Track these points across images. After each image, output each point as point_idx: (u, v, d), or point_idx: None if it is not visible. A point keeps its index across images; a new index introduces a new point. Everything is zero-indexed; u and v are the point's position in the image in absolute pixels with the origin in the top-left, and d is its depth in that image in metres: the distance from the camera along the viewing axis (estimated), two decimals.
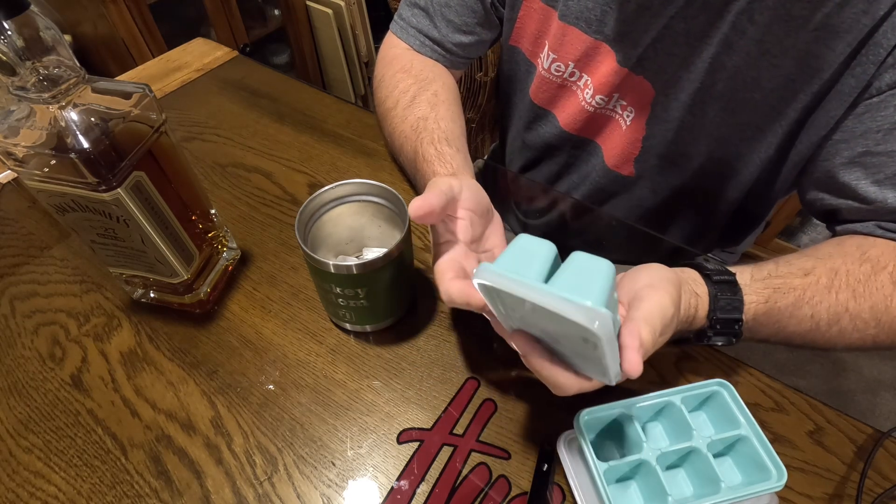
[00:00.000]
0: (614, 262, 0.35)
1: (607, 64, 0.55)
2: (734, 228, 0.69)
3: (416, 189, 0.55)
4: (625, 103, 0.57)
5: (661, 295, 0.33)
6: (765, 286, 0.40)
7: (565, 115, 0.62)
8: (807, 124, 0.48)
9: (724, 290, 0.39)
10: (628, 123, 0.58)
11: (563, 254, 0.38)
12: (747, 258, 0.80)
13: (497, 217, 0.43)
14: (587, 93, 0.58)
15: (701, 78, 0.50)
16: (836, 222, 0.48)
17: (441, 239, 0.38)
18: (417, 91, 0.56)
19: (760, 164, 0.53)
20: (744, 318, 0.39)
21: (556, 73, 0.60)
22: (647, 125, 0.56)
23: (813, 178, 0.49)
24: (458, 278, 0.35)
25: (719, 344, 0.39)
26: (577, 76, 0.59)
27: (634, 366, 0.29)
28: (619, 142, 0.60)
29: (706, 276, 0.40)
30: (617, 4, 0.51)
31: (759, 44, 0.45)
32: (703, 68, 0.49)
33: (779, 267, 0.42)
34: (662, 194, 0.63)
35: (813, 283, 0.40)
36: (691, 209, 0.63)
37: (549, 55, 0.59)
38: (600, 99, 0.58)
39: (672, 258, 0.75)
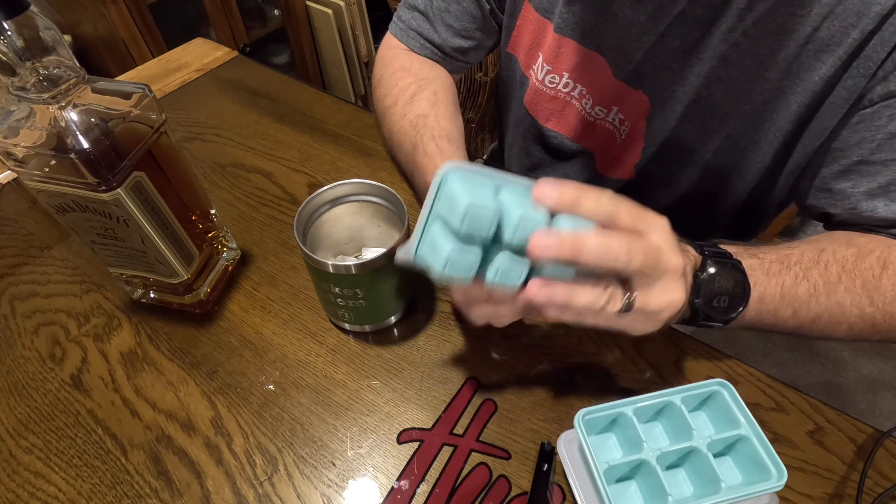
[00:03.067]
0: None
1: (603, 75, 0.55)
2: (732, 235, 0.69)
3: (413, 186, 0.55)
4: (622, 117, 0.57)
5: None
6: (743, 248, 0.41)
7: (563, 125, 0.63)
8: (802, 135, 0.48)
9: (696, 241, 0.40)
10: (623, 137, 0.58)
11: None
12: None
13: None
14: (585, 103, 0.59)
15: (696, 90, 0.50)
16: (831, 225, 0.49)
17: None
18: (417, 89, 0.56)
19: (757, 172, 0.54)
20: (730, 252, 0.39)
21: (550, 86, 0.60)
22: (645, 137, 0.56)
23: (809, 185, 0.49)
24: None
25: (724, 274, 0.37)
26: (570, 87, 0.59)
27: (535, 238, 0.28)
28: (613, 152, 0.60)
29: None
30: (609, 17, 0.51)
31: (756, 56, 0.45)
32: (699, 82, 0.49)
33: (757, 246, 0.42)
34: (658, 204, 0.63)
35: (798, 254, 0.41)
36: (686, 217, 0.64)
37: (543, 66, 0.59)
38: (599, 110, 0.58)
39: None
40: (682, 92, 0.51)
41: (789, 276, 0.40)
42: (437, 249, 0.30)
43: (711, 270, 0.37)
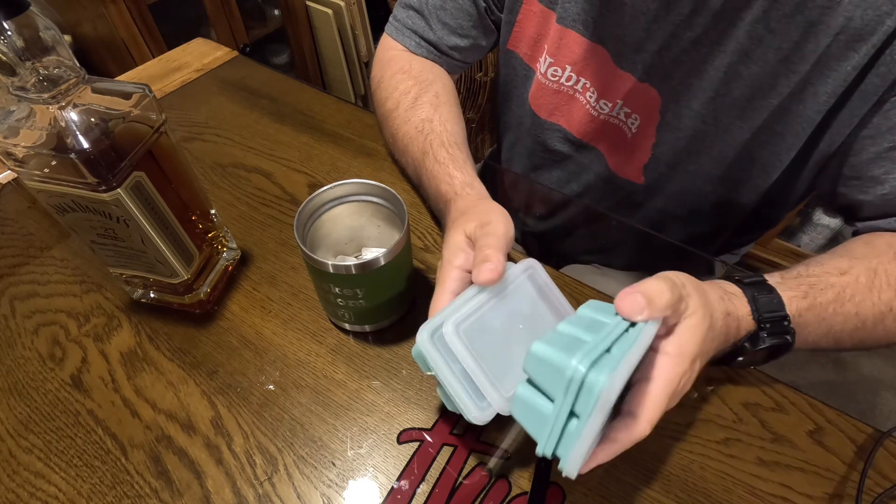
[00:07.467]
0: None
1: (607, 68, 0.54)
2: (746, 231, 0.68)
3: (421, 190, 0.55)
4: (629, 111, 0.56)
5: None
6: (798, 283, 0.39)
7: (567, 120, 0.62)
8: (830, 125, 0.47)
9: (760, 290, 0.38)
10: (634, 131, 0.57)
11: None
12: (750, 258, 0.79)
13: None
14: (590, 97, 0.58)
15: (715, 86, 0.49)
16: (857, 219, 0.48)
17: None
18: (419, 92, 0.56)
19: (780, 166, 0.52)
20: (788, 313, 0.38)
21: (553, 79, 0.60)
22: (657, 132, 0.55)
23: (837, 175, 0.48)
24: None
25: (774, 344, 0.38)
26: (574, 80, 0.58)
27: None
28: (624, 149, 0.59)
29: (735, 281, 0.39)
30: (615, 7, 0.50)
31: (778, 51, 0.45)
32: (718, 77, 0.48)
33: (809, 268, 0.41)
34: (672, 201, 0.62)
35: (852, 282, 0.40)
36: (702, 215, 0.62)
37: (546, 59, 0.59)
38: (604, 104, 0.57)
39: (680, 261, 0.74)
40: (700, 87, 0.50)
41: (840, 317, 0.39)
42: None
43: (763, 317, 0.37)
